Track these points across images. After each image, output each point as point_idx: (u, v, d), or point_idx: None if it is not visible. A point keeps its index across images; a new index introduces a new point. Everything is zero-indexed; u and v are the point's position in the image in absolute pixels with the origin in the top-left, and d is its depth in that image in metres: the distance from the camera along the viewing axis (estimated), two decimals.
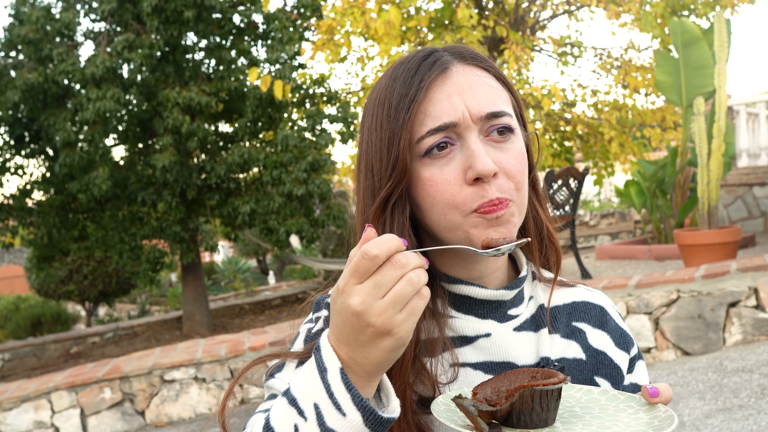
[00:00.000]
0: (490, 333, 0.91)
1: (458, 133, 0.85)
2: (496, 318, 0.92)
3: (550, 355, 0.92)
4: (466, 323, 0.91)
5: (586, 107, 9.72)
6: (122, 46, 8.59)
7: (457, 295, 0.92)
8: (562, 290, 1.00)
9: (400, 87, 0.86)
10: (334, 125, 9.66)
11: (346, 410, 0.68)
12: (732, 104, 10.13)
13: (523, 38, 7.92)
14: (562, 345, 0.95)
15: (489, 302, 0.92)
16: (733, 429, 3.26)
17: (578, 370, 0.94)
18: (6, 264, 22.13)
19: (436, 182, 0.85)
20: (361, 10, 7.42)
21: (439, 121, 0.84)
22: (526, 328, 0.93)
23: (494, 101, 0.86)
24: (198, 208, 9.69)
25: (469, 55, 0.89)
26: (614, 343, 0.98)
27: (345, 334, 0.69)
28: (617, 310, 1.04)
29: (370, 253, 0.67)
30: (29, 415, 4.89)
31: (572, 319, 0.98)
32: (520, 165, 0.87)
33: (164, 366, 4.97)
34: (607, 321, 1.00)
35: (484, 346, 0.90)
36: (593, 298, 1.02)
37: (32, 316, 12.80)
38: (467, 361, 0.89)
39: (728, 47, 6.67)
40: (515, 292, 0.93)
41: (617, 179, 15.99)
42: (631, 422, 0.75)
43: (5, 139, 9.54)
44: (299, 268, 16.20)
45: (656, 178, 8.32)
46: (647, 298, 4.57)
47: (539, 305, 0.96)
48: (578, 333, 0.97)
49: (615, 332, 0.99)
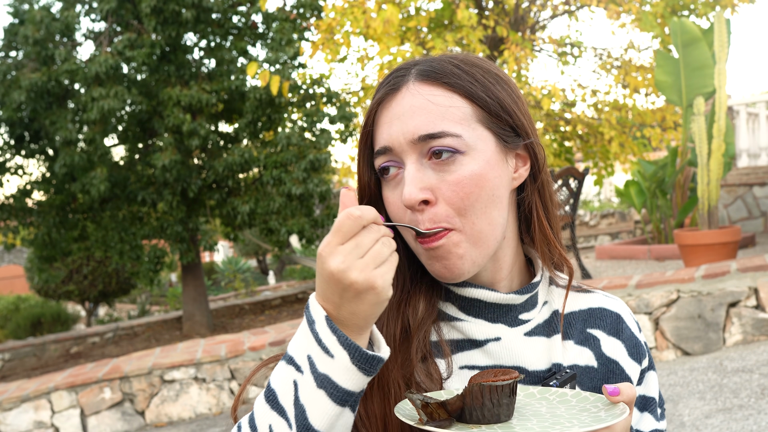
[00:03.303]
0: (500, 337, 0.90)
1: (399, 157, 0.85)
2: (506, 322, 0.91)
3: (562, 362, 0.91)
4: (476, 326, 0.90)
5: (586, 107, 9.72)
6: (123, 45, 8.60)
7: (467, 298, 0.91)
8: (579, 296, 0.99)
9: (371, 103, 0.90)
10: (334, 125, 9.63)
11: (333, 351, 0.72)
12: (732, 104, 10.13)
13: (523, 38, 7.92)
14: (575, 351, 0.93)
15: (499, 306, 0.91)
16: (733, 429, 3.26)
17: (589, 378, 0.93)
18: (6, 264, 22.13)
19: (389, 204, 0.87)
20: (361, 10, 7.42)
21: (378, 144, 0.87)
22: (538, 333, 0.92)
23: (433, 122, 0.83)
24: (198, 208, 9.69)
25: (429, 71, 0.86)
26: (628, 352, 0.97)
27: (330, 292, 0.72)
28: (634, 318, 1.02)
29: (354, 213, 0.71)
30: (29, 415, 4.89)
31: (587, 325, 0.96)
32: (463, 190, 0.82)
33: (164, 366, 4.97)
34: (622, 329, 0.98)
35: (494, 350, 0.89)
36: (610, 305, 1.00)
37: (32, 316, 12.80)
38: (476, 364, 0.89)
39: (728, 47, 6.67)
40: (526, 296, 0.91)
41: (617, 179, 16.00)
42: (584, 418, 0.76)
43: (5, 139, 9.54)
44: (299, 268, 16.20)
45: (656, 178, 8.32)
46: (647, 298, 4.57)
47: (553, 311, 0.94)
48: (592, 340, 0.95)
49: (629, 341, 0.98)
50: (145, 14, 8.60)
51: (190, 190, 9.06)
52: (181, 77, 9.29)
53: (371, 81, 9.15)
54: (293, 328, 5.51)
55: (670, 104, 8.59)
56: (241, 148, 9.08)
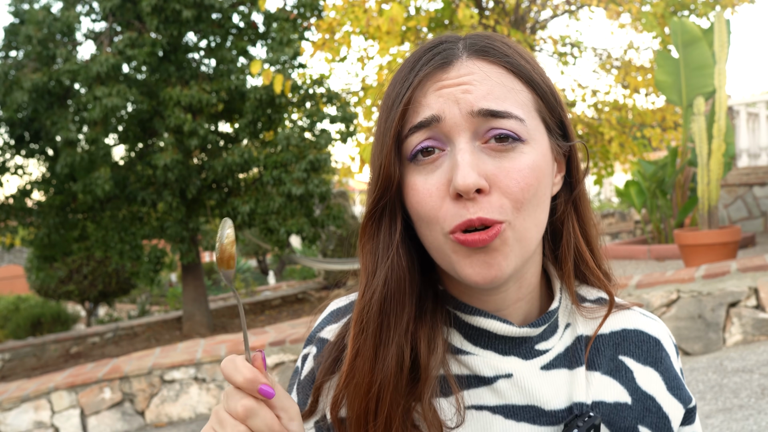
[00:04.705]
0: (512, 373, 0.77)
1: (446, 134, 0.71)
2: (520, 354, 0.78)
3: (585, 399, 0.77)
4: (483, 360, 0.77)
5: (586, 107, 9.73)
6: (125, 44, 8.60)
7: (474, 327, 0.78)
8: (612, 315, 0.84)
9: (398, 83, 0.75)
10: (334, 125, 9.64)
11: None
12: (732, 104, 10.13)
13: (524, 38, 7.92)
14: (602, 385, 0.80)
15: (512, 338, 0.78)
16: (733, 429, 3.26)
17: (620, 417, 0.79)
18: (6, 264, 22.12)
19: (418, 192, 0.73)
20: (362, 9, 7.42)
21: (421, 116, 0.72)
22: (558, 366, 0.79)
23: (497, 99, 0.71)
24: (198, 208, 9.70)
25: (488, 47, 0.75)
26: (666, 386, 0.82)
27: None
28: (674, 342, 0.87)
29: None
30: (29, 415, 4.89)
31: (619, 351, 0.82)
32: (524, 180, 0.71)
33: (164, 366, 4.97)
34: (662, 358, 0.84)
35: (504, 388, 0.77)
36: (649, 328, 0.85)
37: (32, 316, 12.79)
38: (485, 404, 0.76)
39: (728, 47, 6.67)
40: (542, 328, 0.79)
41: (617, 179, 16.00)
42: None
43: (5, 139, 9.54)
44: (299, 268, 16.20)
45: (656, 178, 8.32)
46: (647, 298, 4.57)
47: (577, 336, 0.81)
48: (624, 371, 0.81)
49: (668, 373, 0.83)
50: (146, 13, 8.60)
51: (189, 191, 9.06)
52: (181, 77, 9.30)
53: (371, 81, 9.15)
54: (293, 328, 5.51)
55: (670, 104, 8.59)
56: (241, 148, 9.08)
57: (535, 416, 0.77)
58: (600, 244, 0.86)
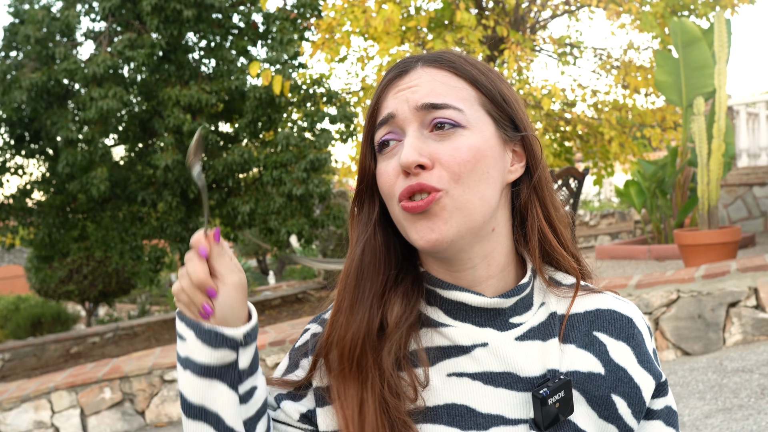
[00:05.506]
0: (488, 342, 0.86)
1: (400, 127, 0.86)
2: (495, 326, 0.88)
3: (558, 367, 0.86)
4: (461, 332, 0.87)
5: (586, 107, 9.73)
6: (124, 45, 8.59)
7: (452, 301, 0.88)
8: (587, 297, 0.93)
9: (373, 95, 0.92)
10: (334, 125, 9.64)
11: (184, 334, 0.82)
12: (732, 104, 10.13)
13: (524, 38, 7.92)
14: (577, 356, 0.88)
15: (486, 310, 0.88)
16: (733, 429, 3.26)
17: (594, 386, 0.88)
18: (6, 264, 22.13)
19: (381, 175, 0.87)
20: (361, 9, 7.42)
21: (382, 115, 0.88)
22: (532, 337, 0.88)
23: (439, 95, 0.85)
24: (198, 208, 9.69)
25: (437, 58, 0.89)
26: (637, 360, 0.91)
27: None
28: (647, 324, 0.95)
29: None
30: (29, 415, 4.89)
31: (593, 328, 0.91)
32: (460, 156, 0.82)
33: (164, 366, 4.97)
34: (633, 335, 0.92)
35: (481, 356, 0.86)
36: (621, 308, 0.93)
37: (32, 316, 12.80)
38: (465, 371, 0.86)
39: (728, 47, 6.67)
40: (514, 299, 0.88)
41: (617, 179, 15.99)
42: None
43: (5, 139, 9.54)
44: (299, 268, 16.20)
45: (656, 178, 8.32)
46: (647, 298, 4.57)
47: (551, 313, 0.90)
48: (597, 344, 0.90)
49: (639, 348, 0.91)
50: (146, 13, 8.60)
51: (190, 191, 9.06)
52: (181, 77, 9.29)
53: (371, 81, 9.15)
54: (293, 328, 5.51)
55: (670, 104, 8.58)
56: (241, 148, 9.08)
57: (512, 382, 0.86)
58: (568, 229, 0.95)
